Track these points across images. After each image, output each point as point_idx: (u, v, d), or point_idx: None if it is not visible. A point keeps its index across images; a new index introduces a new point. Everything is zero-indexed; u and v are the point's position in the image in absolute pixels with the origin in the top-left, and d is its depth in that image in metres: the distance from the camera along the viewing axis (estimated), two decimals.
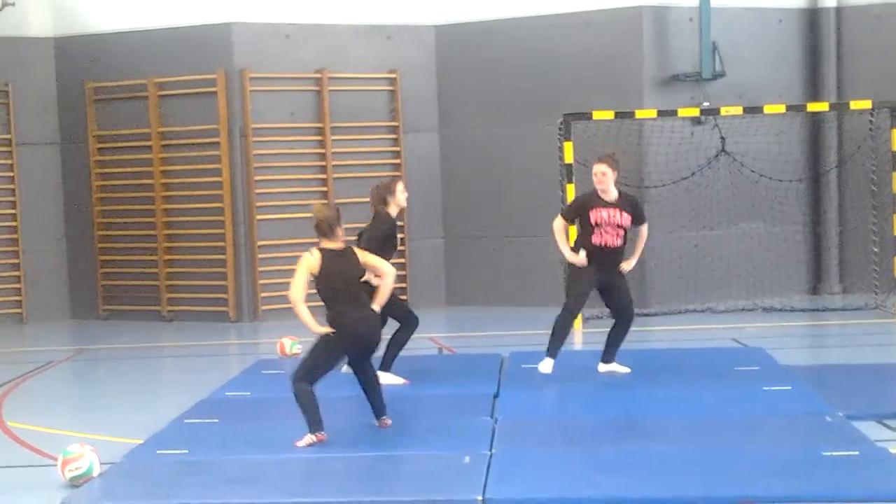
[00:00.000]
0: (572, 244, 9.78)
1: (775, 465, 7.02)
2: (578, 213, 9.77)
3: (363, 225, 10.03)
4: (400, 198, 9.76)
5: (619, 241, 9.63)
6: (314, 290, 8.12)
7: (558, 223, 9.83)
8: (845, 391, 9.14)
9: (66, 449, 7.31)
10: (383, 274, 8.21)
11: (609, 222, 9.57)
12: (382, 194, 9.78)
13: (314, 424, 7.89)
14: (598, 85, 14.56)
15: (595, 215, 9.57)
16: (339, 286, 8.06)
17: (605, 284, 9.74)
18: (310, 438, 7.86)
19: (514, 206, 15.12)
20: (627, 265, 9.74)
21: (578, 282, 9.65)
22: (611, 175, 9.61)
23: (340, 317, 8.07)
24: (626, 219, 9.63)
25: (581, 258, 9.57)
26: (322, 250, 8.10)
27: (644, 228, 9.91)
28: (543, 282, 14.47)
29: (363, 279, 8.28)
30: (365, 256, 8.23)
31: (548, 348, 9.57)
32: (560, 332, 9.58)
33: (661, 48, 14.69)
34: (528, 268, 14.87)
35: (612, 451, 7.56)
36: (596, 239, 9.57)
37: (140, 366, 12.31)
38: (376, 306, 8.17)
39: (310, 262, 8.05)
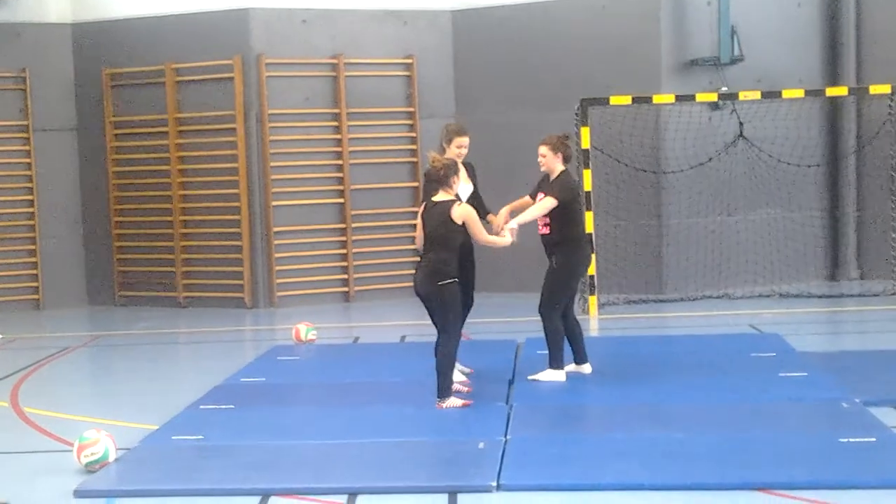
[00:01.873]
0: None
1: (791, 452, 7.00)
2: None
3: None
4: (453, 151, 9.22)
5: (543, 229, 9.25)
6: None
7: None
8: (862, 377, 9.10)
9: (81, 434, 7.32)
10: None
11: None
12: (442, 139, 9.38)
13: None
14: (615, 70, 14.49)
15: None
16: (427, 233, 8.56)
17: None
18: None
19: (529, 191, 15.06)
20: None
21: None
22: (550, 157, 9.28)
23: None
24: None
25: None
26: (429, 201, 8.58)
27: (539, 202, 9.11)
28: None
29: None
30: (461, 211, 8.45)
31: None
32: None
33: (678, 33, 14.61)
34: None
35: (627, 437, 7.54)
36: None
37: (156, 352, 12.34)
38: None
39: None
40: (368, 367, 10.24)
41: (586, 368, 9.46)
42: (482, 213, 9.29)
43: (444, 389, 8.45)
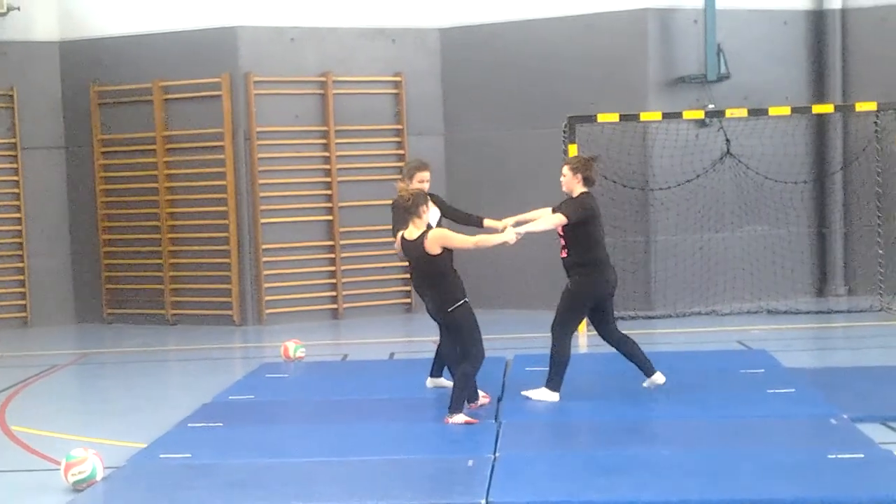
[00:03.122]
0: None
1: (780, 468, 7.00)
2: None
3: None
4: (416, 186, 9.18)
5: (562, 252, 9.10)
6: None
7: None
8: (850, 393, 9.13)
9: (69, 453, 7.30)
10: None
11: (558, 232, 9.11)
12: (404, 176, 9.42)
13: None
14: (602, 87, 14.55)
15: None
16: (413, 269, 8.67)
17: None
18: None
19: (519, 209, 14.92)
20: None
21: None
22: (570, 177, 9.07)
23: None
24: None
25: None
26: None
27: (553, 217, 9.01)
28: (548, 284, 14.43)
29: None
30: (432, 241, 8.42)
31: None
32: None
33: (665, 50, 14.68)
34: (532, 270, 14.85)
35: (615, 454, 7.54)
36: None
37: (144, 370, 12.31)
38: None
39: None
40: (357, 385, 10.23)
41: (658, 378, 9.23)
42: (473, 221, 9.30)
43: (456, 405, 8.42)
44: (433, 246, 8.41)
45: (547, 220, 9.08)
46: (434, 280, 8.48)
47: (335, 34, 15.14)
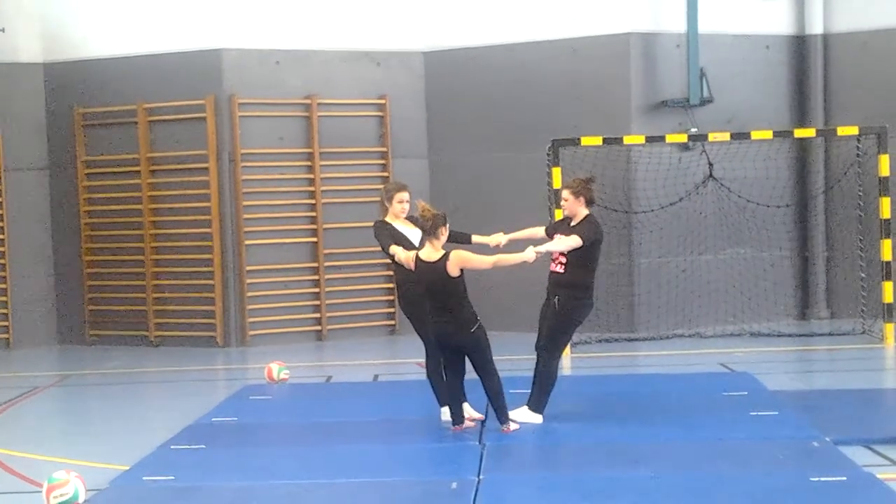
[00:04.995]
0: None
1: (763, 491, 7.02)
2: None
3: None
4: (396, 207, 9.26)
5: (555, 267, 9.06)
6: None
7: None
8: (832, 416, 9.15)
9: (51, 475, 7.27)
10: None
11: None
12: (382, 198, 9.41)
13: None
14: (586, 111, 14.61)
15: None
16: (427, 289, 8.55)
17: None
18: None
19: (503, 231, 15.09)
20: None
21: None
22: (572, 201, 9.06)
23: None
24: None
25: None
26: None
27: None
28: (529, 306, 14.42)
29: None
30: (454, 263, 8.42)
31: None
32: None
33: (648, 74, 14.75)
34: (515, 293, 14.85)
35: (599, 476, 7.55)
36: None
37: (127, 391, 12.27)
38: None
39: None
40: (341, 407, 10.21)
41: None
42: (461, 238, 9.28)
43: (504, 414, 8.72)
44: (454, 268, 8.44)
45: (566, 241, 8.98)
46: (452, 302, 8.52)
47: (319, 57, 15.18)
